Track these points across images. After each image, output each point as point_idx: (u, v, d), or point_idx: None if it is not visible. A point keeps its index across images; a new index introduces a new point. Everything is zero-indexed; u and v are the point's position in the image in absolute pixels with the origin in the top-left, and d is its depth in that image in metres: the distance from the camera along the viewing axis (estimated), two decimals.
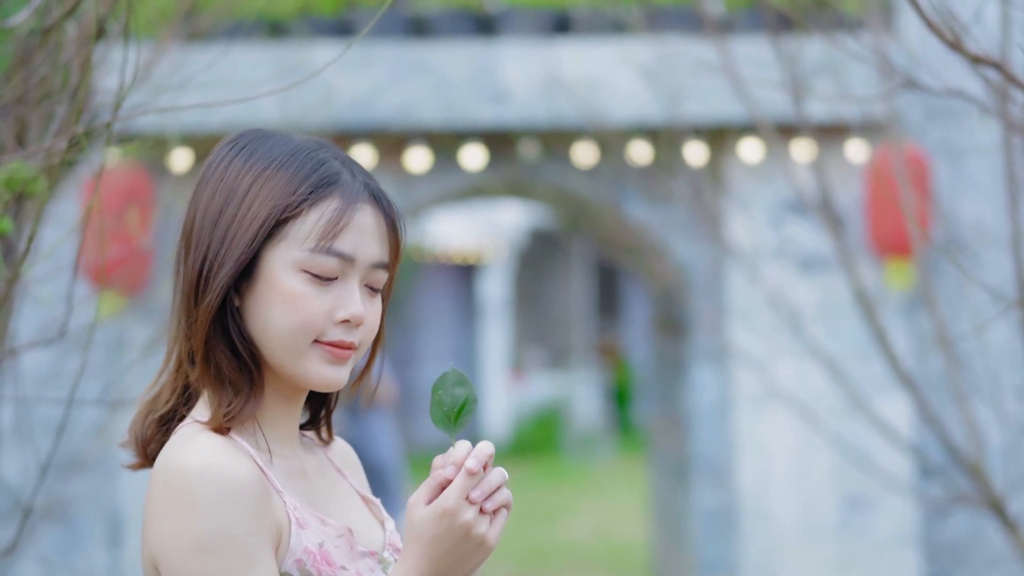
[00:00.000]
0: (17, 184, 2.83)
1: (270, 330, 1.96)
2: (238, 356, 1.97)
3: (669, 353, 8.87)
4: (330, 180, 1.98)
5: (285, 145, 2.01)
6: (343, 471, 2.15)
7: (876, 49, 4.33)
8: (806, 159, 7.22)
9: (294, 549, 1.91)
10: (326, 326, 1.96)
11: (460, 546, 1.88)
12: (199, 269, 1.97)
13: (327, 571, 1.93)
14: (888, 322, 7.02)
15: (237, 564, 1.84)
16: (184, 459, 1.88)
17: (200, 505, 1.84)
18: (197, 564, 1.84)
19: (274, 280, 1.95)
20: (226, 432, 1.94)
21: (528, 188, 8.46)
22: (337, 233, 1.96)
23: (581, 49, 7.52)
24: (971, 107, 7.26)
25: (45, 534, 7.28)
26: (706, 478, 7.85)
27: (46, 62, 3.16)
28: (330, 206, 1.96)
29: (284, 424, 2.03)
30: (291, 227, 1.96)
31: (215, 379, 1.97)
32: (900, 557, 7.51)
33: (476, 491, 1.87)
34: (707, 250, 7.80)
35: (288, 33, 7.36)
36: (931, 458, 5.91)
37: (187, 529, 1.85)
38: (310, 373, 1.97)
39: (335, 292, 1.97)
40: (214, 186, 1.99)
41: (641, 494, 13.65)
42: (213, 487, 1.85)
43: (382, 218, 2.01)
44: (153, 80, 4.60)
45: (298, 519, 1.93)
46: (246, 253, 1.95)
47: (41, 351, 6.73)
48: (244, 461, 1.90)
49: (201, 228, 1.98)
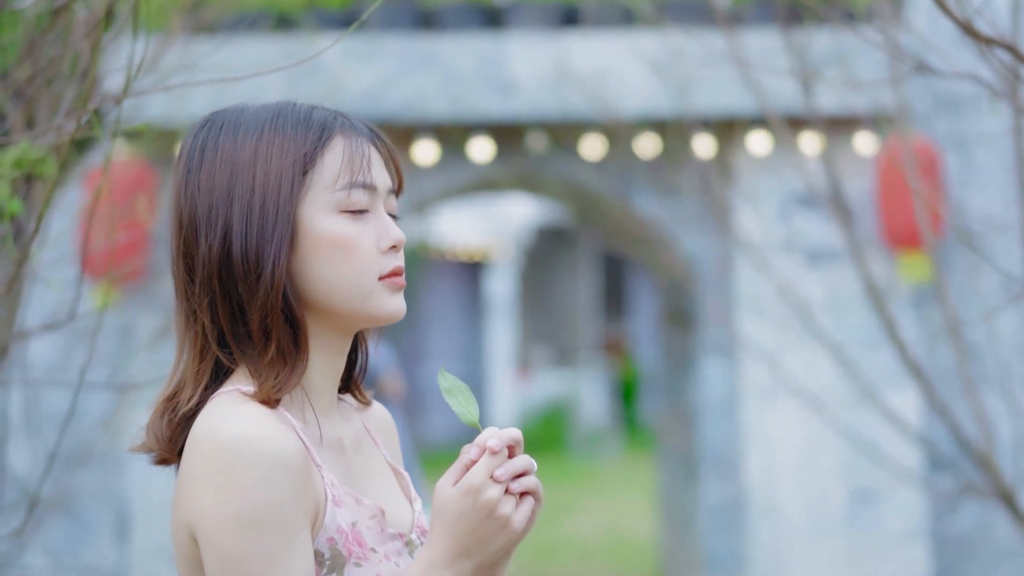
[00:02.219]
0: (26, 165, 2.82)
1: (334, 281, 1.95)
2: (293, 326, 1.95)
3: (677, 346, 8.86)
4: (327, 124, 1.99)
5: (264, 110, 2.01)
6: (377, 439, 2.13)
7: (886, 36, 4.31)
8: (815, 151, 7.21)
9: (328, 527, 1.90)
10: (380, 258, 1.97)
11: (485, 524, 1.87)
12: (227, 246, 1.94)
13: (357, 552, 1.92)
14: (897, 314, 7.00)
15: (278, 540, 1.82)
16: (228, 429, 1.84)
17: (244, 479, 1.82)
18: (238, 538, 1.82)
19: (318, 231, 1.95)
20: (274, 405, 1.92)
21: (536, 181, 8.45)
22: (359, 166, 1.97)
23: (589, 41, 7.51)
24: (979, 98, 7.25)
25: (52, 526, 7.28)
26: (714, 472, 7.84)
27: (55, 44, 3.15)
28: (340, 145, 1.97)
29: (327, 391, 2.01)
30: (312, 176, 1.96)
31: (269, 352, 1.93)
32: (909, 550, 7.49)
33: (500, 470, 1.87)
34: (715, 243, 7.78)
35: (295, 25, 7.35)
36: (941, 450, 5.89)
37: (230, 503, 1.82)
38: (380, 309, 1.97)
39: (371, 224, 1.98)
40: (208, 168, 1.97)
41: (648, 491, 13.64)
42: (258, 461, 1.82)
43: (379, 147, 2.03)
44: (160, 70, 4.60)
45: (334, 496, 1.92)
46: (287, 215, 1.94)
47: (48, 342, 6.72)
48: (289, 435, 1.87)
49: (211, 208, 1.95)
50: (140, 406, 7.29)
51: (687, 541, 8.56)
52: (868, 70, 6.06)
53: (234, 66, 6.45)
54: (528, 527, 1.93)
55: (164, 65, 4.69)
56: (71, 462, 6.57)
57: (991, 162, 7.44)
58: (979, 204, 7.42)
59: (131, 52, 2.65)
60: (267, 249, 1.93)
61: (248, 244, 1.94)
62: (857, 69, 5.37)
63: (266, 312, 1.93)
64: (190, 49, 5.26)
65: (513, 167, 7.94)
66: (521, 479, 1.89)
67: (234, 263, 1.94)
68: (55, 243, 3.02)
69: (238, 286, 1.94)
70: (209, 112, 2.05)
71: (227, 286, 1.94)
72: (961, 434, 4.95)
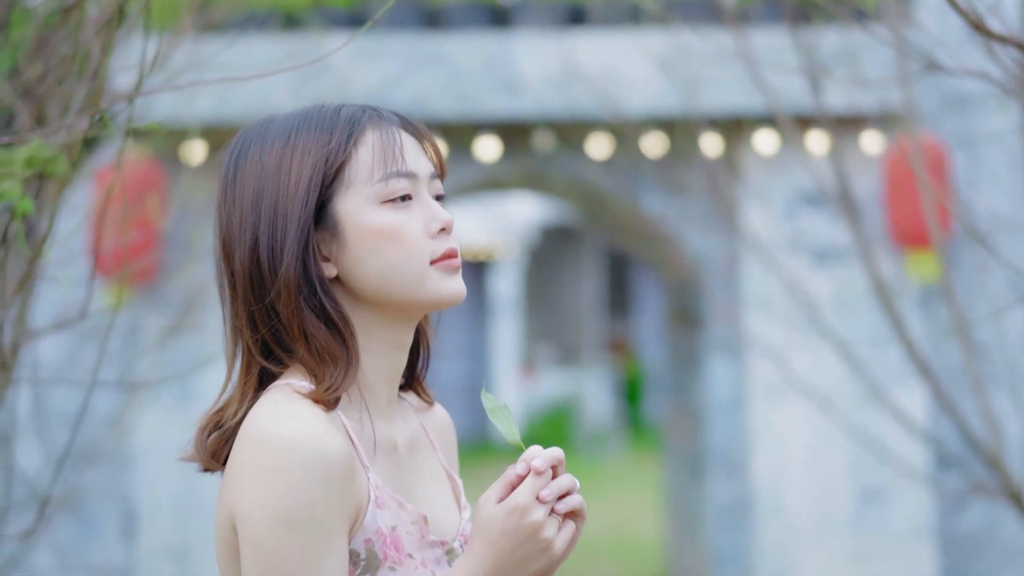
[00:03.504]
0: (37, 163, 2.82)
1: (386, 272, 1.96)
2: (331, 327, 1.95)
3: (684, 345, 8.85)
4: (357, 117, 1.99)
5: (292, 118, 2.01)
6: (435, 442, 2.13)
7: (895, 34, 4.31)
8: (822, 150, 7.20)
9: (367, 527, 1.90)
10: (429, 243, 1.97)
11: (526, 545, 1.87)
12: (255, 256, 1.96)
13: (393, 556, 1.92)
14: (904, 313, 6.99)
15: (313, 540, 1.84)
16: (277, 426, 1.86)
17: (289, 478, 1.83)
18: (276, 535, 1.84)
19: (362, 225, 1.96)
20: (331, 406, 1.92)
21: (543, 180, 8.45)
22: (395, 155, 1.97)
23: (596, 40, 7.51)
24: (986, 96, 7.24)
25: (59, 525, 7.28)
26: (721, 471, 7.83)
27: (66, 42, 3.15)
28: (373, 136, 1.98)
29: (384, 390, 2.02)
30: (348, 172, 1.96)
31: (314, 354, 1.95)
32: (916, 549, 7.48)
33: (546, 490, 1.88)
34: (722, 241, 7.78)
35: (302, 25, 7.35)
36: (948, 448, 5.88)
37: (270, 499, 1.84)
38: (439, 292, 1.97)
39: (416, 210, 1.98)
40: (241, 184, 1.98)
41: (653, 490, 13.64)
42: (304, 461, 1.83)
43: (414, 134, 2.02)
44: (168, 69, 4.60)
45: (377, 498, 1.92)
46: (304, 212, 1.94)
47: (54, 341, 6.73)
48: (337, 436, 1.88)
49: (241, 223, 1.97)
50: (147, 406, 7.30)
51: (694, 540, 8.56)
52: (876, 69, 6.06)
53: (241, 65, 6.46)
54: (569, 550, 1.93)
55: (172, 64, 4.69)
56: (78, 461, 6.57)
57: (999, 161, 7.44)
58: (986, 203, 7.42)
59: (143, 50, 2.65)
60: (284, 249, 1.94)
61: (273, 249, 1.95)
62: (866, 67, 5.37)
63: (293, 310, 1.94)
64: (198, 48, 5.26)
65: (520, 166, 7.94)
66: (566, 499, 1.90)
67: (263, 271, 1.95)
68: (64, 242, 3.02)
69: (269, 292, 1.95)
70: (242, 129, 2.04)
71: (261, 295, 1.96)
72: (969, 433, 4.94)
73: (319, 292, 1.95)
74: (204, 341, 7.04)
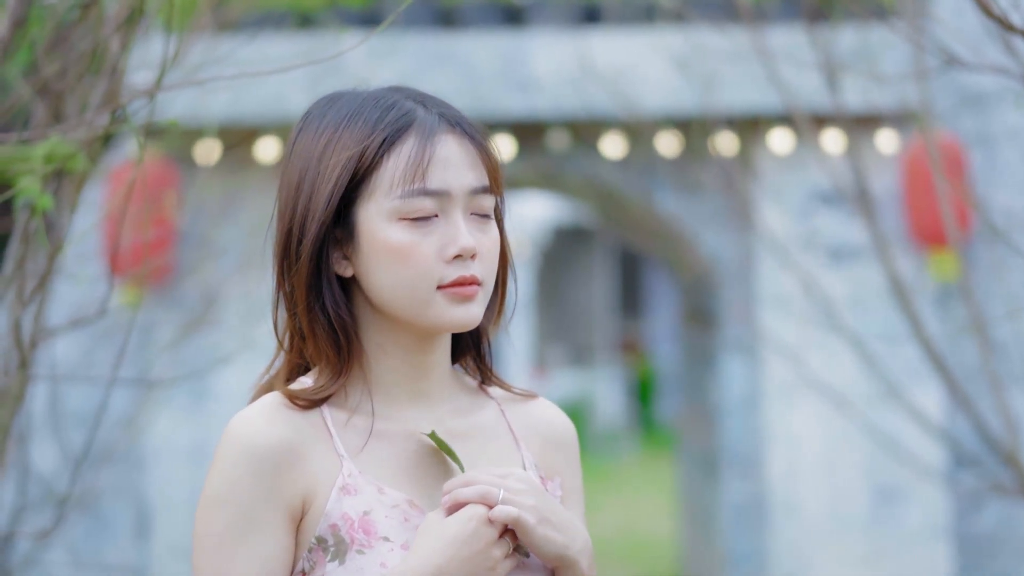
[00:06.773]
0: (56, 159, 2.82)
1: (388, 287, 1.94)
2: (332, 329, 1.96)
3: (698, 344, 8.84)
4: (403, 121, 1.95)
5: (354, 100, 1.98)
6: (521, 439, 2.10)
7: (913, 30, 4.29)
8: (838, 149, 7.18)
9: (330, 514, 1.91)
10: (441, 267, 1.93)
11: (476, 559, 1.90)
12: (284, 242, 1.97)
13: (360, 539, 1.91)
14: (920, 311, 6.98)
15: (233, 522, 1.89)
16: (233, 420, 1.94)
17: (222, 464, 1.91)
18: (203, 514, 1.91)
19: (375, 237, 1.93)
20: (308, 404, 1.96)
21: (558, 179, 8.44)
22: (421, 172, 1.93)
23: (611, 38, 7.49)
24: (1003, 94, 7.22)
25: (74, 524, 7.29)
26: (735, 470, 7.82)
27: (84, 39, 3.14)
28: (406, 146, 1.93)
29: (404, 387, 2.01)
30: (375, 179, 1.93)
31: (315, 353, 1.98)
32: (932, 548, 7.46)
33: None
34: (738, 240, 7.76)
35: (317, 24, 7.35)
36: (965, 447, 5.86)
37: (207, 483, 1.92)
38: (441, 319, 1.95)
39: (439, 231, 1.94)
40: (293, 162, 1.98)
41: (665, 490, 13.62)
42: (234, 447, 1.91)
43: (468, 143, 1.97)
44: (185, 67, 4.60)
45: (347, 485, 1.92)
46: (326, 211, 1.93)
47: (68, 340, 6.72)
48: (276, 427, 1.92)
49: (285, 204, 1.98)
50: (161, 406, 7.30)
51: (708, 540, 8.54)
52: (893, 67, 6.04)
53: (257, 64, 6.43)
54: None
55: (189, 62, 4.70)
56: (93, 461, 6.57)
57: (1016, 159, 7.42)
58: (1004, 201, 7.39)
59: (163, 47, 2.64)
60: (303, 246, 1.95)
61: (294, 240, 1.96)
62: (883, 65, 5.35)
63: (304, 307, 1.95)
64: (214, 47, 5.26)
65: (534, 165, 7.93)
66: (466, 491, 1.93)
67: (290, 257, 1.97)
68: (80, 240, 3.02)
69: (289, 280, 1.98)
70: (315, 101, 2.03)
71: (285, 280, 1.99)
72: (986, 431, 4.93)
73: (327, 291, 1.95)
74: (219, 340, 7.05)
